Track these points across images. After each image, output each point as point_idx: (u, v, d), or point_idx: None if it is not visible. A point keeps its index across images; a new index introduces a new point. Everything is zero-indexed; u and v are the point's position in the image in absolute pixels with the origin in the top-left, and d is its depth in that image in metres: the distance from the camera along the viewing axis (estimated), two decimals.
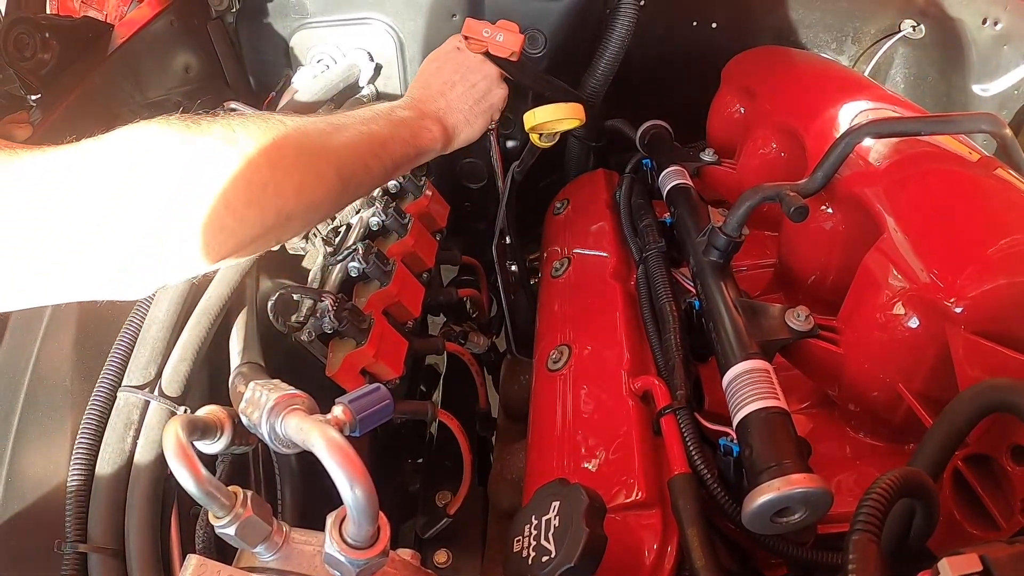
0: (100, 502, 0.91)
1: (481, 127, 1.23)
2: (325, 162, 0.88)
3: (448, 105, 1.18)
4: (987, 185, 0.93)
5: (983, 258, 0.80)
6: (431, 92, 1.18)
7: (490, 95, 1.24)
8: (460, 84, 1.21)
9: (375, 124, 1.01)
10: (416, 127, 1.09)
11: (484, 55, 1.25)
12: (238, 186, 0.76)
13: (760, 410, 0.79)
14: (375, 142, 0.99)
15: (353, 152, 0.94)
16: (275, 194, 0.80)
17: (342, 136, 0.93)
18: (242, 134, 0.78)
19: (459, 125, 1.18)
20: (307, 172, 0.85)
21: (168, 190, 0.71)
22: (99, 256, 0.69)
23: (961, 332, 0.77)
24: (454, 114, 1.18)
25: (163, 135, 0.73)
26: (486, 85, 1.23)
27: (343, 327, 1.07)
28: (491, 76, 1.24)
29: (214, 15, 1.49)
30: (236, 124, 0.78)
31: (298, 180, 0.83)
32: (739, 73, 1.48)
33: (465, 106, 1.20)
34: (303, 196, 0.84)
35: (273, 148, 0.80)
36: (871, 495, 0.52)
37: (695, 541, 0.76)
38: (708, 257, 1.04)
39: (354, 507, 0.62)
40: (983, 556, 0.48)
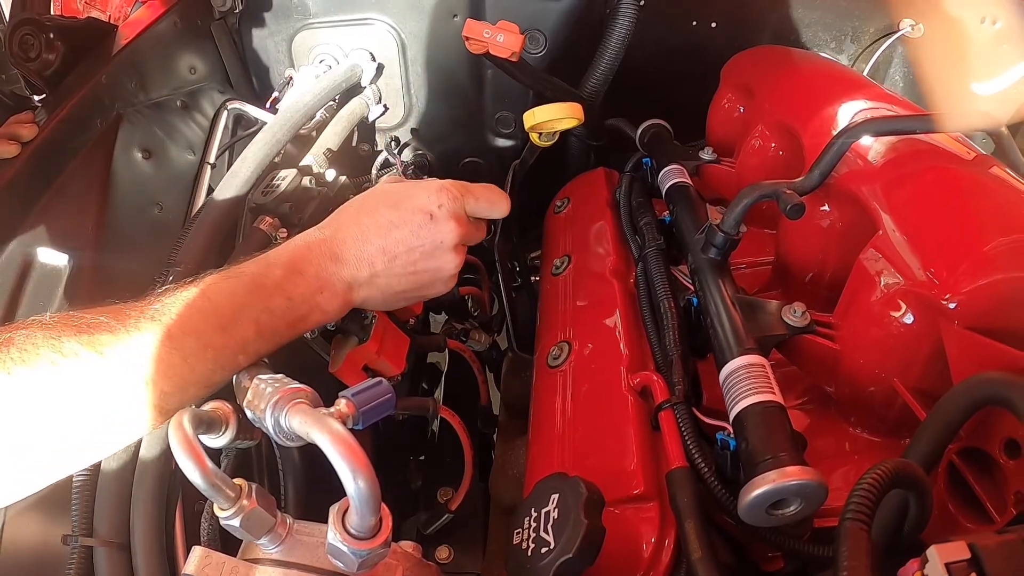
0: (106, 497, 0.92)
1: (395, 307, 1.07)
2: (136, 407, 0.75)
3: (370, 280, 0.95)
4: (982, 183, 0.94)
5: (977, 254, 0.80)
6: (359, 252, 0.94)
7: (427, 289, 1.03)
8: (401, 263, 0.96)
9: (243, 324, 0.82)
10: (305, 310, 0.89)
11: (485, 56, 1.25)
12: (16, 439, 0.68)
13: (756, 404, 0.80)
14: (228, 352, 0.81)
15: (185, 381, 0.78)
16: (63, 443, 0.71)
17: (174, 362, 0.76)
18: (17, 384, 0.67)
19: (369, 303, 0.99)
20: (106, 422, 0.74)
21: None
22: None
23: (955, 327, 0.78)
24: (370, 290, 0.96)
25: None
26: (431, 278, 1.01)
27: (345, 324, 1.08)
28: (445, 272, 1.02)
29: (217, 16, 1.51)
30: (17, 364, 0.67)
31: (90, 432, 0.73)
32: (738, 72, 1.49)
33: (390, 290, 0.98)
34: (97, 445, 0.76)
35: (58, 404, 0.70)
36: (862, 484, 0.53)
37: (692, 533, 0.77)
38: (706, 254, 1.04)
39: (357, 498, 0.63)
40: (971, 544, 0.49)
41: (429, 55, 1.54)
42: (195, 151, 1.43)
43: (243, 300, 0.83)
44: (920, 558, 0.50)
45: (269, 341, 0.86)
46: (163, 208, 1.33)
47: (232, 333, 0.81)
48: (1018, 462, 0.71)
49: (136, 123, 1.33)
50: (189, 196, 1.39)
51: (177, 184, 1.38)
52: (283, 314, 0.86)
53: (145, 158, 1.33)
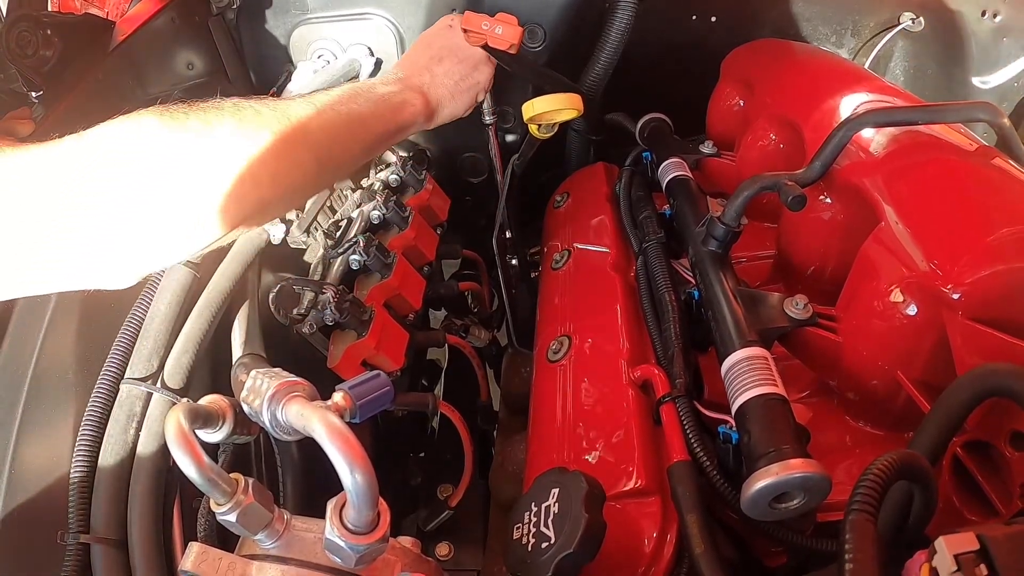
0: (103, 493, 0.92)
1: (465, 104, 1.25)
2: (302, 147, 0.90)
3: (433, 79, 1.19)
4: (984, 174, 0.93)
5: (980, 245, 0.80)
6: (417, 66, 1.20)
7: (476, 72, 1.26)
8: (447, 60, 1.22)
9: (355, 103, 1.02)
10: (397, 102, 1.11)
11: (484, 48, 1.25)
12: (214, 178, 0.79)
13: (758, 396, 0.79)
14: (354, 121, 1.01)
15: (331, 134, 0.96)
16: (252, 185, 0.82)
17: (320, 118, 0.94)
18: (217, 125, 0.80)
19: (443, 100, 1.20)
20: (283, 159, 0.86)
21: (147, 184, 0.74)
22: (87, 243, 0.73)
23: (959, 318, 0.77)
24: (438, 88, 1.19)
25: (142, 130, 0.75)
26: (473, 63, 1.25)
27: (344, 319, 1.08)
28: (479, 55, 1.26)
29: (215, 12, 1.49)
30: (212, 115, 0.81)
31: (273, 168, 0.85)
32: (738, 66, 1.48)
33: (450, 81, 1.21)
34: (279, 183, 0.87)
35: (248, 137, 0.82)
36: (867, 476, 0.53)
37: (694, 527, 0.76)
38: (707, 247, 1.04)
39: (354, 492, 0.62)
40: (980, 535, 0.48)
41: None
42: None
43: (351, 91, 1.04)
44: (928, 550, 0.49)
45: (380, 122, 1.07)
46: None
47: (352, 106, 1.02)
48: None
49: None
50: None
51: None
52: (383, 101, 1.09)
53: None
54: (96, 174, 0.72)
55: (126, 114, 0.76)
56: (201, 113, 0.80)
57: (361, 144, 1.03)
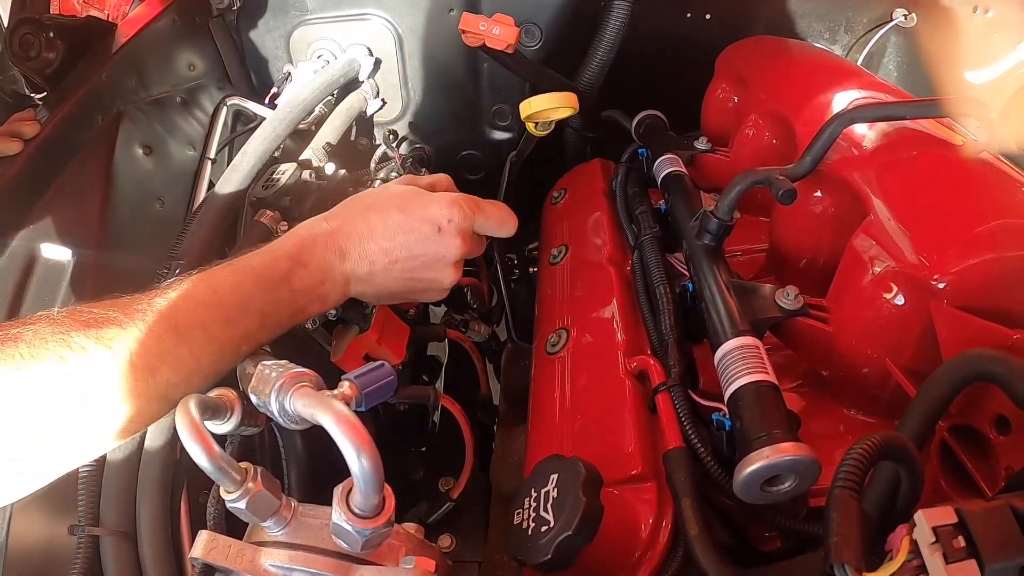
0: (112, 487, 0.94)
1: (395, 302, 1.09)
2: (144, 398, 0.75)
3: (369, 277, 0.96)
4: (971, 168, 0.95)
5: (966, 236, 0.82)
6: (361, 249, 0.95)
7: (421, 295, 1.06)
8: (400, 268, 0.97)
9: (247, 317, 0.83)
10: (306, 302, 0.91)
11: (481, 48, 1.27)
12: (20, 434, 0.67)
13: (750, 383, 0.81)
14: (232, 343, 0.82)
15: (190, 371, 0.79)
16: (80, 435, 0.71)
17: (182, 354, 0.77)
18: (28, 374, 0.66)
19: (364, 295, 1.00)
20: (117, 414, 0.73)
21: None
22: None
23: (944, 307, 0.80)
24: (366, 286, 0.97)
25: None
26: (426, 287, 1.03)
27: (346, 314, 1.09)
28: (441, 283, 1.03)
29: (215, 13, 1.52)
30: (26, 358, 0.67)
31: (106, 421, 0.73)
32: (732, 63, 1.50)
33: (385, 289, 1.00)
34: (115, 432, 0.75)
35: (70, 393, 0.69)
36: (851, 455, 0.55)
37: (689, 512, 0.78)
38: (701, 240, 1.06)
39: (360, 476, 0.65)
40: (958, 509, 0.50)
41: (426, 49, 1.55)
42: (195, 147, 1.45)
43: (248, 293, 0.84)
44: (909, 523, 0.51)
45: (271, 331, 0.88)
46: (164, 203, 1.35)
47: (237, 325, 0.82)
48: (1008, 438, 0.73)
49: (137, 120, 1.35)
50: (190, 191, 1.41)
51: (178, 179, 1.40)
52: (286, 306, 0.88)
53: (146, 154, 1.34)
54: None
55: None
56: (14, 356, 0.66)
57: (235, 361, 0.85)
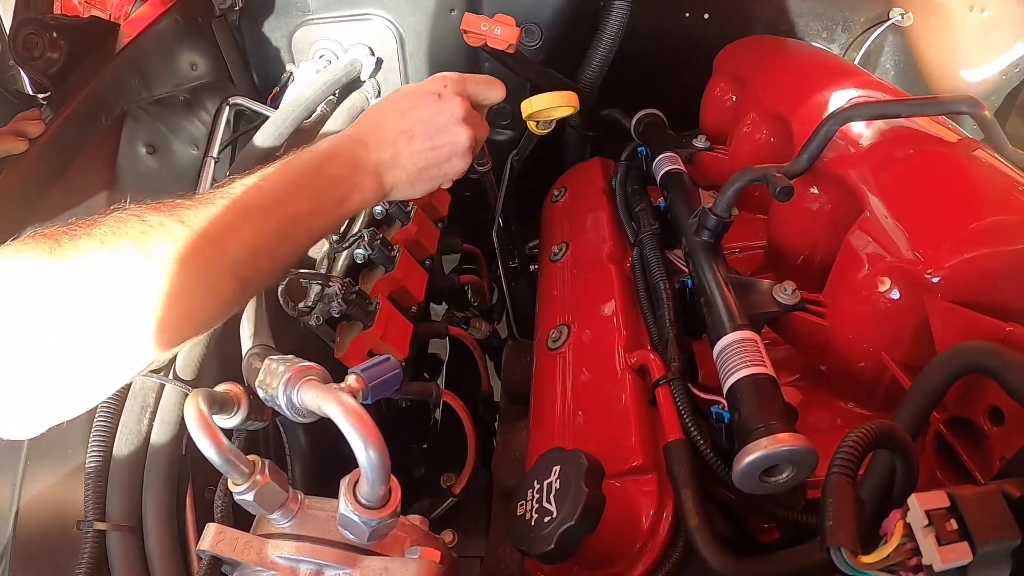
0: (118, 482, 0.95)
1: (423, 191, 1.09)
2: (219, 273, 0.79)
3: (395, 159, 1.02)
4: (964, 165, 0.97)
5: (959, 232, 0.84)
6: (381, 137, 1.02)
7: (447, 165, 1.07)
8: (419, 140, 1.03)
9: (295, 201, 0.89)
10: (346, 189, 0.96)
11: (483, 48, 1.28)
12: (109, 323, 0.70)
13: (748, 376, 0.83)
14: (289, 224, 0.88)
15: (257, 247, 0.83)
16: (158, 327, 0.73)
17: (246, 228, 0.82)
18: (116, 252, 0.71)
19: (399, 185, 1.03)
20: (196, 293, 0.77)
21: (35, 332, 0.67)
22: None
23: (939, 301, 0.81)
24: (396, 171, 1.02)
25: (27, 267, 0.68)
26: (448, 152, 1.06)
27: (351, 310, 1.11)
28: (460, 145, 1.06)
29: (218, 13, 1.53)
30: (110, 238, 0.71)
31: (185, 307, 0.76)
32: (730, 62, 1.52)
33: (414, 167, 1.04)
34: (192, 321, 0.78)
35: (152, 271, 0.73)
36: (846, 443, 0.56)
37: (689, 502, 0.80)
38: (699, 237, 1.08)
39: (368, 467, 0.66)
40: (951, 493, 0.52)
41: (427, 49, 1.56)
42: (198, 146, 1.46)
43: (294, 180, 0.91)
44: (903, 508, 0.53)
45: (321, 219, 0.94)
46: None
47: (290, 206, 0.89)
48: (1002, 428, 0.74)
49: (140, 119, 1.36)
50: (193, 190, 1.42)
51: (181, 178, 1.41)
52: (328, 193, 0.95)
53: (150, 153, 1.35)
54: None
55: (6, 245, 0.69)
56: (98, 238, 0.71)
57: (294, 247, 0.91)
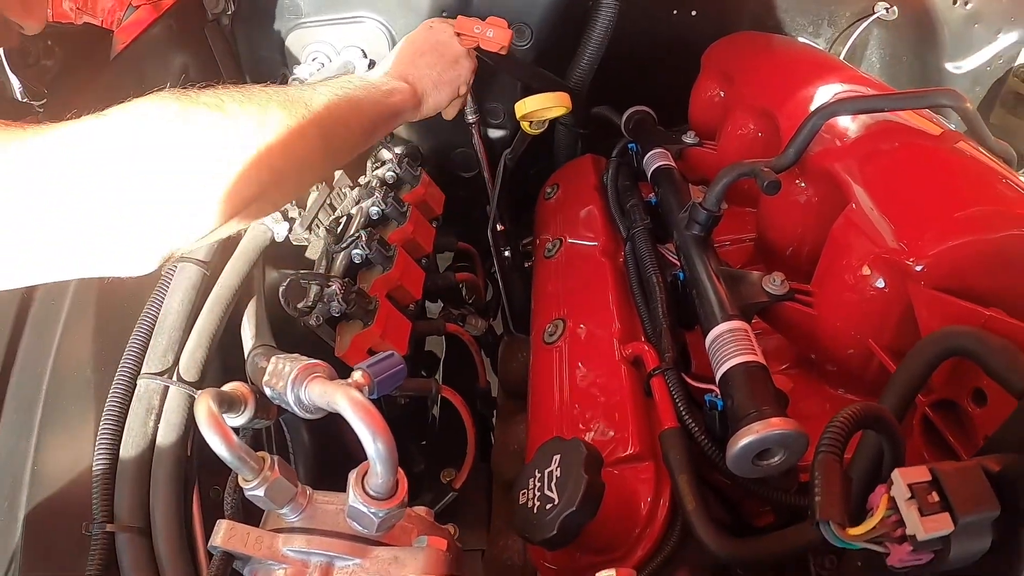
0: (125, 484, 0.96)
1: (448, 95, 1.31)
2: (308, 123, 0.95)
3: (417, 71, 1.26)
4: (946, 157, 1.00)
5: (941, 221, 0.87)
6: (402, 61, 1.27)
7: (457, 66, 1.32)
8: (429, 53, 1.29)
9: (349, 87, 1.08)
10: (387, 89, 1.18)
11: (476, 50, 1.31)
12: (231, 151, 0.83)
13: (740, 364, 0.85)
14: (353, 103, 1.07)
15: (332, 112, 1.01)
16: (266, 154, 0.86)
17: (322, 98, 1.00)
18: (229, 102, 0.84)
19: (428, 89, 1.26)
20: (291, 132, 0.91)
21: (170, 161, 0.77)
22: (112, 226, 0.75)
23: (922, 288, 0.84)
24: (422, 79, 1.26)
25: (158, 110, 0.79)
26: (453, 56, 1.31)
27: (351, 309, 1.13)
28: (458, 51, 1.32)
29: (210, 18, 1.53)
30: (223, 94, 0.85)
31: (284, 139, 0.90)
32: (718, 59, 1.54)
33: (434, 73, 1.28)
34: (289, 156, 0.91)
35: (258, 112, 0.87)
36: (833, 423, 0.59)
37: (686, 488, 0.82)
38: (690, 231, 1.10)
39: (376, 458, 0.68)
40: (932, 468, 0.55)
41: None
42: None
43: (357, 93, 1.09)
44: (887, 483, 0.55)
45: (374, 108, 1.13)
46: None
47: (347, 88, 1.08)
48: (985, 409, 0.77)
49: None
50: None
51: None
52: (382, 102, 1.15)
53: None
54: (110, 156, 0.74)
55: (142, 97, 0.80)
56: (212, 92, 0.85)
57: (360, 125, 1.09)
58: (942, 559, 0.56)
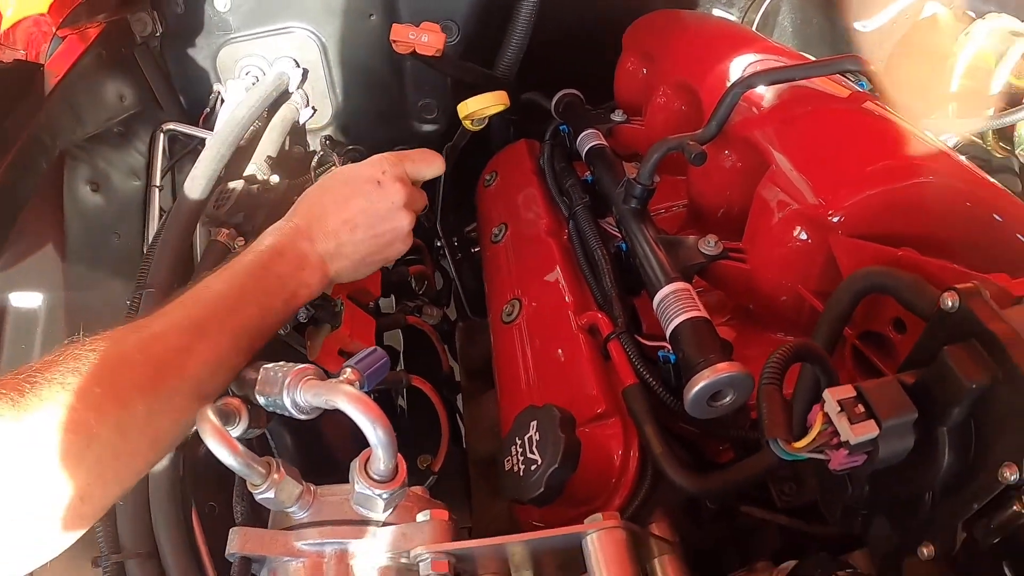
0: (127, 513, 0.99)
1: (367, 273, 1.15)
2: (183, 397, 0.82)
3: (339, 249, 1.06)
4: (854, 116, 1.10)
5: (852, 176, 0.96)
6: (324, 228, 1.05)
7: (389, 249, 1.13)
8: (362, 229, 1.08)
9: (245, 309, 0.92)
10: (293, 286, 1.00)
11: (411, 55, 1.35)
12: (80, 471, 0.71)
13: (686, 320, 0.94)
14: (241, 332, 0.90)
15: (214, 365, 0.86)
16: (129, 458, 0.78)
17: (202, 351, 0.85)
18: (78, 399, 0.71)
19: (342, 273, 1.09)
20: (159, 419, 0.80)
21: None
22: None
23: (840, 237, 0.93)
24: (341, 260, 1.07)
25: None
26: (391, 238, 1.12)
27: (318, 314, 1.14)
28: (402, 230, 1.12)
29: (139, 41, 1.53)
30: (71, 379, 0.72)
31: (151, 434, 0.79)
32: (637, 38, 1.61)
33: (357, 255, 1.09)
34: (159, 445, 0.82)
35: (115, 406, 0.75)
36: (771, 359, 0.68)
37: (652, 435, 0.91)
38: (628, 205, 1.18)
39: (378, 444, 0.75)
40: (856, 385, 0.65)
41: (350, 55, 1.60)
42: (139, 176, 1.49)
43: (242, 284, 0.93)
44: (821, 402, 0.65)
45: (270, 320, 0.96)
46: (121, 236, 1.39)
47: (241, 314, 0.91)
48: (905, 336, 0.86)
49: (79, 158, 1.37)
50: (142, 222, 1.45)
51: (129, 211, 1.44)
52: (277, 292, 0.97)
53: (94, 190, 1.38)
54: None
55: None
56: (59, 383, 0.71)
57: (248, 353, 0.92)
58: (874, 458, 0.66)
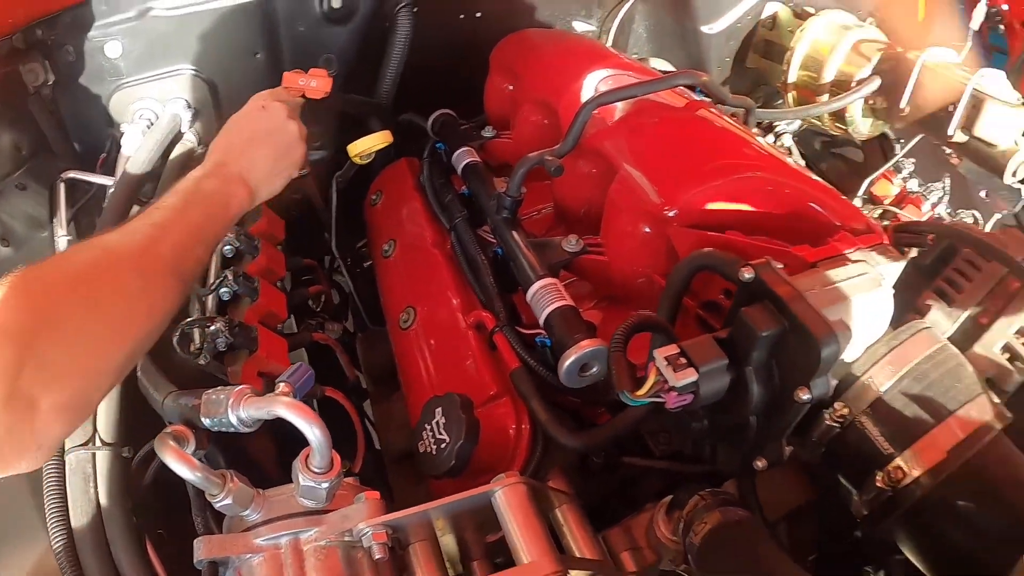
0: (88, 548, 1.06)
1: (282, 182, 1.31)
2: (164, 275, 0.98)
3: (251, 164, 1.23)
4: (688, 124, 1.28)
5: (683, 176, 1.14)
6: (233, 152, 1.23)
7: (291, 153, 1.31)
8: (262, 143, 1.27)
9: (191, 212, 1.07)
10: (224, 196, 1.15)
11: (301, 98, 1.44)
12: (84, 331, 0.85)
13: (556, 309, 1.11)
14: (196, 231, 1.06)
15: (182, 251, 1.02)
16: (132, 324, 0.91)
17: (169, 239, 1.00)
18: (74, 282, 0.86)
19: (261, 183, 1.24)
20: (153, 293, 0.96)
21: None
22: None
23: (676, 228, 1.11)
24: (256, 172, 1.23)
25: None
26: (287, 143, 1.30)
27: (236, 341, 1.21)
28: (292, 135, 1.31)
29: (31, 91, 1.51)
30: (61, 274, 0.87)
31: (147, 304, 0.94)
32: (503, 57, 1.72)
33: (267, 165, 1.26)
34: (156, 314, 0.96)
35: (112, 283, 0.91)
36: (618, 330, 0.86)
37: (538, 406, 1.07)
38: (500, 215, 1.33)
39: (315, 441, 0.86)
40: (678, 343, 0.83)
41: (238, 93, 1.51)
42: (45, 227, 1.49)
43: (184, 198, 1.09)
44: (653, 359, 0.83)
45: (215, 223, 1.12)
46: None
47: (190, 214, 1.07)
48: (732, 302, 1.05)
49: None
50: None
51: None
52: (213, 202, 1.13)
53: (5, 246, 1.40)
54: None
55: None
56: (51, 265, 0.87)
57: (205, 249, 1.09)
58: (698, 397, 0.83)
